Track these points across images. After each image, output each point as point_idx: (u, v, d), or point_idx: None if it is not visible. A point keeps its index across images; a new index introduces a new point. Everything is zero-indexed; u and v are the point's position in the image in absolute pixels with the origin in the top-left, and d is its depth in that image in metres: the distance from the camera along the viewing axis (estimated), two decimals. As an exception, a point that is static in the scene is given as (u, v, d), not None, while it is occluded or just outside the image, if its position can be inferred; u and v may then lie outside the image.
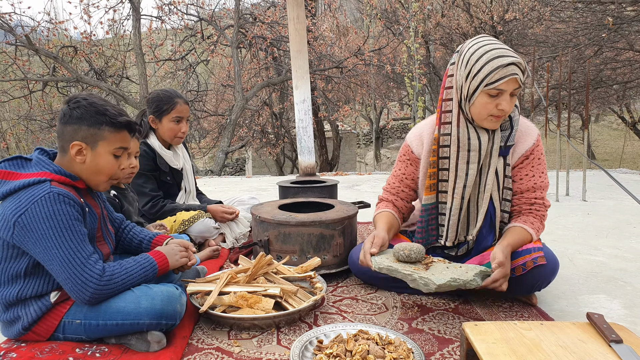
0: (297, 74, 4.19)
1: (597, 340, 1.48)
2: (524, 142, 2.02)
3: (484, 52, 1.87)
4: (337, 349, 1.52)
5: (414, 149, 2.19)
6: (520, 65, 1.85)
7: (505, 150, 2.01)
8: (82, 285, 1.53)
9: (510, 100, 1.88)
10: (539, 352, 1.42)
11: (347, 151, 17.19)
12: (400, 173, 2.26)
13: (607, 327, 1.51)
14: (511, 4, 10.67)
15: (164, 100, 2.77)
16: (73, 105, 1.63)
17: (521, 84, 1.88)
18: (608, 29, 6.81)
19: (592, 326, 1.55)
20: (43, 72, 9.50)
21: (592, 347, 1.44)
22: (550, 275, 1.95)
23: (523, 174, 2.04)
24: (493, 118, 1.92)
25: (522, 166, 2.04)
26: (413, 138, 2.20)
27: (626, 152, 16.97)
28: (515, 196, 2.06)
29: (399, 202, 2.29)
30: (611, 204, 4.25)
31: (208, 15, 9.71)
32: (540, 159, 2.04)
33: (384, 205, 2.30)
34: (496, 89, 1.86)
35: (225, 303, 1.86)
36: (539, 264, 1.89)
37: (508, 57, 1.83)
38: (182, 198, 3.00)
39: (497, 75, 1.84)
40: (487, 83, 1.86)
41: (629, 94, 11.47)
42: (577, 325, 1.57)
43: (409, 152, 2.21)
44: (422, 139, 2.15)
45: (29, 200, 1.52)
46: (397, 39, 11.05)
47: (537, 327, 1.56)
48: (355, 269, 2.28)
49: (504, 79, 1.83)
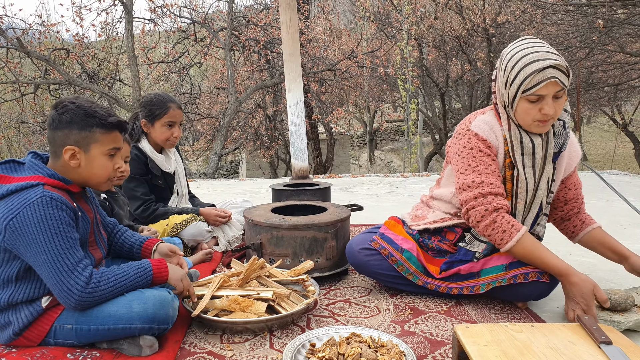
0: (289, 77, 4.20)
1: (587, 341, 1.50)
2: (577, 150, 2.11)
3: (520, 57, 1.82)
4: (329, 352, 1.53)
5: (493, 143, 1.97)
6: (560, 66, 1.77)
7: (555, 156, 2.00)
8: (67, 292, 1.52)
9: (554, 104, 1.82)
10: (529, 354, 1.43)
11: (341, 153, 17.21)
12: (494, 169, 1.95)
13: (597, 328, 1.52)
14: (503, 7, 10.73)
15: (157, 104, 2.77)
16: (61, 110, 1.62)
17: (563, 85, 1.80)
18: (599, 31, 6.87)
19: (582, 328, 1.57)
20: (35, 75, 9.47)
21: (582, 349, 1.45)
22: (551, 289, 1.96)
23: (576, 178, 2.15)
24: (539, 123, 1.86)
25: (574, 173, 2.14)
26: (488, 132, 1.98)
27: (617, 153, 17.08)
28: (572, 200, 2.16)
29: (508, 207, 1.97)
30: (602, 205, 4.28)
31: (201, 17, 9.70)
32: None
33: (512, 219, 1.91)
34: (535, 94, 1.80)
35: (217, 307, 1.85)
36: (542, 280, 1.90)
37: (545, 60, 1.77)
38: (175, 201, 2.99)
39: (533, 81, 1.79)
40: (524, 89, 1.81)
41: (620, 95, 11.56)
42: (567, 327, 1.59)
43: (490, 145, 1.96)
44: (496, 134, 1.98)
45: (21, 204, 1.52)
46: (390, 42, 11.09)
47: (528, 329, 1.57)
48: (351, 259, 2.25)
49: (541, 84, 1.78)
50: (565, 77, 1.80)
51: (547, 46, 1.85)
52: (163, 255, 1.94)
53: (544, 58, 1.78)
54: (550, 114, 1.81)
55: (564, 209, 2.19)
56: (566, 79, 1.81)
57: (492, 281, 1.97)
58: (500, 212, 1.89)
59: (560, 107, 1.85)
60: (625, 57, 8.80)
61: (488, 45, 10.96)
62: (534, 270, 1.91)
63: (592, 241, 2.13)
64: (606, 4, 6.40)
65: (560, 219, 2.21)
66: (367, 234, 2.27)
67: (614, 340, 1.46)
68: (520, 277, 1.92)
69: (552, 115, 1.83)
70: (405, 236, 2.19)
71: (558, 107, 1.84)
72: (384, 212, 4.18)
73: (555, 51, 1.85)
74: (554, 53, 1.82)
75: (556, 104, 1.83)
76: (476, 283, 2.01)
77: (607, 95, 10.89)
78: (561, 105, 1.85)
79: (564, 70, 1.79)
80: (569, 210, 2.18)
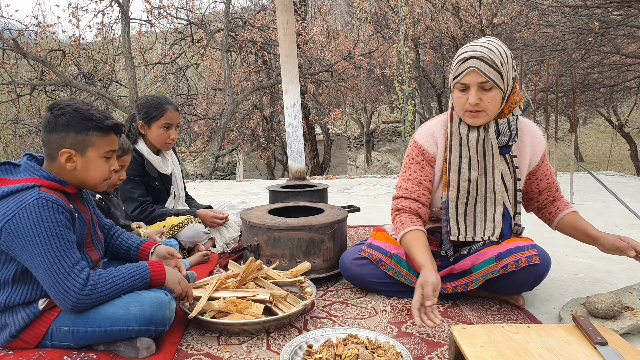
0: (286, 79, 4.20)
1: (583, 342, 1.50)
2: (540, 142, 2.13)
3: (460, 51, 1.95)
4: (326, 354, 1.53)
5: (429, 150, 2.12)
6: (483, 58, 1.86)
7: (507, 150, 2.06)
8: (64, 294, 1.52)
9: (480, 95, 1.90)
10: (525, 355, 1.44)
11: (338, 154, 17.23)
12: (418, 175, 2.13)
13: (592, 329, 1.53)
14: (500, 8, 10.76)
15: (154, 106, 2.77)
16: (57, 112, 1.61)
17: (488, 77, 1.87)
18: (595, 33, 6.89)
19: (578, 329, 1.57)
20: (31, 76, 9.44)
21: (578, 350, 1.46)
22: (543, 274, 1.98)
23: (545, 169, 2.17)
24: (469, 113, 1.96)
25: (544, 165, 2.16)
26: (426, 138, 2.13)
27: (613, 154, 17.15)
28: (545, 190, 2.19)
29: (422, 210, 2.11)
30: (598, 207, 4.29)
31: (198, 19, 9.70)
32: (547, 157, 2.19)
33: (409, 218, 2.08)
34: (460, 83, 1.93)
35: (214, 308, 1.85)
36: (533, 263, 1.92)
37: (470, 52, 1.88)
38: (172, 203, 2.99)
39: (458, 70, 1.92)
40: (453, 78, 1.96)
41: (615, 96, 11.59)
42: (563, 327, 1.59)
43: (424, 152, 2.13)
44: (436, 138, 2.12)
45: (17, 206, 1.51)
46: (387, 43, 11.11)
47: (524, 330, 1.58)
48: (345, 272, 2.28)
49: (463, 72, 1.89)
50: (490, 69, 1.87)
51: (489, 43, 1.93)
52: (161, 257, 1.94)
53: (471, 50, 1.89)
54: (472, 102, 1.90)
55: (539, 199, 2.22)
56: (492, 71, 1.87)
57: (484, 274, 1.98)
58: (401, 212, 2.12)
59: (492, 100, 1.91)
60: (621, 58, 8.82)
61: (484, 47, 10.97)
62: (523, 255, 1.93)
63: (566, 226, 2.15)
64: (602, 6, 6.42)
65: (537, 209, 2.26)
66: (356, 246, 2.31)
67: (609, 341, 1.46)
68: (511, 265, 1.93)
69: (481, 107, 1.92)
70: (393, 242, 2.24)
71: (487, 100, 1.91)
72: (381, 214, 4.19)
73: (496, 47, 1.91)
74: (488, 48, 1.89)
75: (484, 96, 1.90)
76: (469, 280, 2.02)
77: (602, 97, 10.92)
78: (492, 99, 1.91)
79: (489, 62, 1.86)
80: (544, 200, 2.22)
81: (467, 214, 2.07)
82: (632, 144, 12.97)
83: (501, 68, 1.88)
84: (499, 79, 1.89)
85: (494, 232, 2.05)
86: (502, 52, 1.90)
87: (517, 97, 2.02)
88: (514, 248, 1.96)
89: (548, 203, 2.22)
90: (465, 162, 2.04)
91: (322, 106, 11.55)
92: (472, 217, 2.07)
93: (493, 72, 1.87)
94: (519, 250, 1.95)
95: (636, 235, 3.24)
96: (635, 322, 1.75)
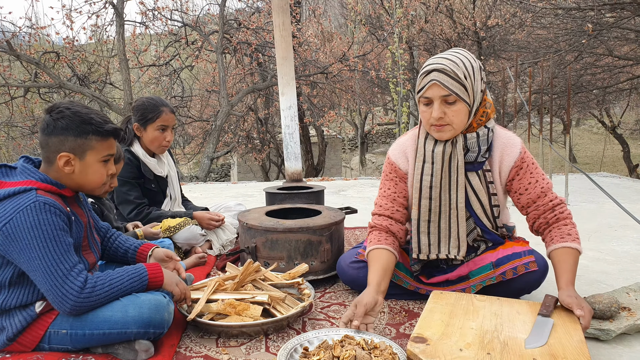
0: (283, 81, 4.20)
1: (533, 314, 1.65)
2: (510, 154, 1.98)
3: (425, 63, 1.92)
4: (324, 355, 1.53)
5: (401, 166, 2.11)
6: (445, 71, 1.83)
7: (478, 166, 1.99)
8: (62, 297, 1.52)
9: (444, 108, 1.86)
10: (470, 315, 1.64)
11: (333, 156, 17.21)
12: (391, 192, 2.13)
13: (549, 305, 1.67)
14: (493, 10, 10.81)
15: (150, 108, 2.76)
16: (56, 116, 1.60)
17: (451, 91, 1.83)
18: (588, 35, 6.93)
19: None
20: (25, 78, 9.38)
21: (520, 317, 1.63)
22: (541, 279, 1.98)
23: (526, 183, 1.98)
24: (434, 128, 1.92)
25: (519, 177, 1.99)
26: (398, 154, 2.13)
27: (606, 155, 17.24)
28: (530, 208, 2.00)
29: (394, 227, 2.09)
30: (593, 208, 4.32)
31: (192, 20, 9.67)
32: (534, 164, 2.01)
33: (377, 236, 2.06)
34: (424, 97, 1.90)
35: (213, 311, 1.85)
36: (531, 270, 1.91)
37: (433, 64, 1.85)
38: (168, 205, 2.98)
39: (421, 83, 1.89)
40: (417, 91, 1.92)
41: (608, 98, 11.65)
42: (530, 303, 1.75)
43: (396, 168, 2.12)
44: (407, 154, 2.11)
45: (14, 209, 1.50)
46: (382, 45, 11.12)
47: (491, 301, 1.77)
48: (343, 276, 2.27)
49: (425, 86, 1.87)
50: (453, 82, 1.83)
51: (454, 55, 1.89)
52: (159, 260, 1.93)
53: (434, 62, 1.87)
54: (435, 117, 1.87)
55: (528, 218, 2.05)
56: (455, 84, 1.83)
57: (482, 281, 1.98)
58: (373, 229, 2.11)
59: (456, 113, 1.87)
60: (614, 60, 8.89)
61: (478, 49, 11.02)
62: (520, 262, 1.92)
63: (552, 261, 1.93)
64: (595, 8, 6.47)
65: (535, 232, 2.05)
66: (354, 250, 2.30)
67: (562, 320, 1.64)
68: (509, 272, 1.93)
69: (446, 121, 1.88)
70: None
71: (451, 113, 1.87)
72: (377, 215, 4.19)
73: (462, 59, 1.87)
74: (452, 60, 1.85)
75: (448, 110, 1.87)
76: (466, 285, 2.03)
77: (595, 98, 10.98)
78: (457, 112, 1.87)
79: (451, 74, 1.83)
80: (533, 220, 2.02)
81: (430, 232, 2.04)
82: (625, 146, 13.05)
83: (465, 81, 1.84)
84: (463, 91, 1.85)
85: (459, 250, 2.01)
86: (467, 64, 1.86)
87: (487, 108, 1.96)
88: (511, 255, 1.96)
89: (542, 227, 1.99)
90: (427, 179, 2.00)
91: (317, 108, 11.54)
92: (436, 235, 2.04)
93: (456, 85, 1.83)
94: (516, 257, 1.94)
95: (631, 236, 3.26)
96: (633, 323, 1.76)
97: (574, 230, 1.92)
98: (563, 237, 1.89)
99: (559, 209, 1.96)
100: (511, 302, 1.74)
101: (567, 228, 1.92)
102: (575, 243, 1.87)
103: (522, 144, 2.01)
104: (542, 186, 1.98)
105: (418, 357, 1.42)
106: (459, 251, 2.01)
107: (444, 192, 2.00)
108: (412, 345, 1.48)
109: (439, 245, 2.04)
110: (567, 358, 1.40)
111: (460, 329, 1.55)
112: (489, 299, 1.75)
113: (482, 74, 1.93)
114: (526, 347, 1.45)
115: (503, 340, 1.49)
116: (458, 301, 1.74)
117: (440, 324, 1.58)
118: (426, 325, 1.58)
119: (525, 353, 1.43)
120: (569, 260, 1.84)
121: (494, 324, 1.59)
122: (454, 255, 2.02)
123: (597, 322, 1.79)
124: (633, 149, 15.27)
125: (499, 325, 1.58)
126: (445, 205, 2.01)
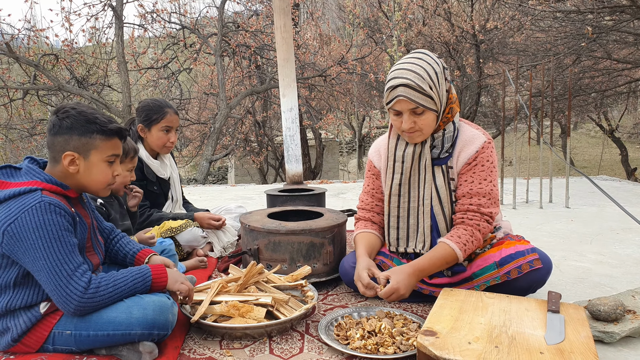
0: (284, 83, 4.20)
1: (541, 311, 1.69)
2: (467, 150, 2.02)
3: (390, 74, 1.95)
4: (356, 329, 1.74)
5: (376, 163, 2.26)
6: (410, 85, 1.86)
7: (442, 161, 2.04)
8: (66, 297, 1.51)
9: (414, 119, 1.93)
10: (480, 311, 1.67)
11: (330, 159, 17.22)
12: (370, 188, 2.30)
13: (555, 302, 1.71)
14: (492, 13, 10.83)
15: (154, 109, 2.76)
16: (62, 116, 1.62)
17: (418, 104, 1.88)
18: (587, 38, 6.95)
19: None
20: (23, 81, 9.36)
21: (528, 314, 1.66)
22: (545, 277, 1.98)
23: (463, 180, 2.04)
24: (406, 134, 2.00)
25: (463, 172, 2.04)
26: (373, 153, 2.28)
27: (604, 159, 17.27)
28: (455, 203, 2.06)
29: (376, 218, 2.28)
30: (594, 211, 4.32)
31: (191, 23, 9.68)
32: (485, 165, 2.00)
33: (362, 225, 2.29)
34: (393, 109, 1.96)
35: (216, 312, 1.84)
36: (535, 267, 1.92)
37: (398, 78, 1.88)
38: (169, 207, 2.98)
39: (388, 97, 1.94)
40: (386, 103, 1.97)
41: (606, 102, 11.69)
42: (538, 301, 1.78)
43: (372, 166, 2.28)
44: (380, 153, 2.24)
45: (19, 209, 1.50)
46: (380, 48, 11.13)
47: (500, 298, 1.80)
48: (346, 278, 2.27)
49: (392, 101, 1.92)
50: (419, 95, 1.87)
51: (417, 64, 1.90)
52: None
53: (399, 76, 1.89)
54: (405, 128, 1.95)
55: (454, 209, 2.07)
56: (421, 97, 1.88)
57: (486, 280, 1.99)
58: (358, 220, 2.32)
59: (425, 122, 1.94)
60: (612, 63, 8.91)
61: (477, 52, 11.04)
62: (524, 261, 1.93)
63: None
64: (594, 11, 6.48)
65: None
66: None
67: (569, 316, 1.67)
68: (513, 272, 1.94)
69: (417, 128, 1.95)
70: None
71: (421, 122, 1.94)
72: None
73: (425, 67, 1.89)
74: (415, 72, 1.87)
75: (417, 119, 1.94)
76: (470, 285, 2.03)
77: (594, 102, 11.00)
78: (426, 121, 1.94)
79: (417, 89, 1.86)
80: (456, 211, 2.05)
81: (399, 227, 2.15)
82: (623, 149, 13.08)
83: (432, 91, 1.89)
84: (430, 102, 1.91)
85: (424, 245, 2.09)
86: (431, 73, 1.89)
87: (453, 103, 2.01)
88: (514, 253, 1.96)
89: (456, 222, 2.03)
90: (397, 177, 2.10)
91: (315, 111, 11.54)
92: (404, 230, 2.14)
93: (422, 98, 1.88)
94: (520, 256, 1.95)
95: (634, 239, 3.26)
96: (638, 325, 1.76)
97: (465, 238, 1.96)
98: (452, 236, 1.97)
99: (469, 215, 2.00)
100: (520, 300, 1.78)
101: (461, 232, 1.97)
102: (455, 244, 1.94)
103: (485, 144, 2.02)
104: (472, 188, 2.00)
105: (428, 349, 1.44)
106: (424, 245, 2.09)
107: (413, 189, 2.10)
108: (422, 337, 1.50)
109: (408, 239, 2.14)
110: (574, 353, 1.43)
111: (469, 324, 1.59)
112: (498, 296, 1.80)
113: (446, 73, 1.98)
114: (548, 343, 1.48)
115: (511, 335, 1.53)
116: (468, 298, 1.78)
117: (449, 318, 1.62)
118: (436, 319, 1.62)
119: (532, 347, 1.46)
120: (436, 253, 1.96)
121: (502, 320, 1.62)
122: (419, 250, 2.10)
123: (602, 324, 1.79)
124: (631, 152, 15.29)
125: (507, 320, 1.62)
126: (414, 201, 2.10)
